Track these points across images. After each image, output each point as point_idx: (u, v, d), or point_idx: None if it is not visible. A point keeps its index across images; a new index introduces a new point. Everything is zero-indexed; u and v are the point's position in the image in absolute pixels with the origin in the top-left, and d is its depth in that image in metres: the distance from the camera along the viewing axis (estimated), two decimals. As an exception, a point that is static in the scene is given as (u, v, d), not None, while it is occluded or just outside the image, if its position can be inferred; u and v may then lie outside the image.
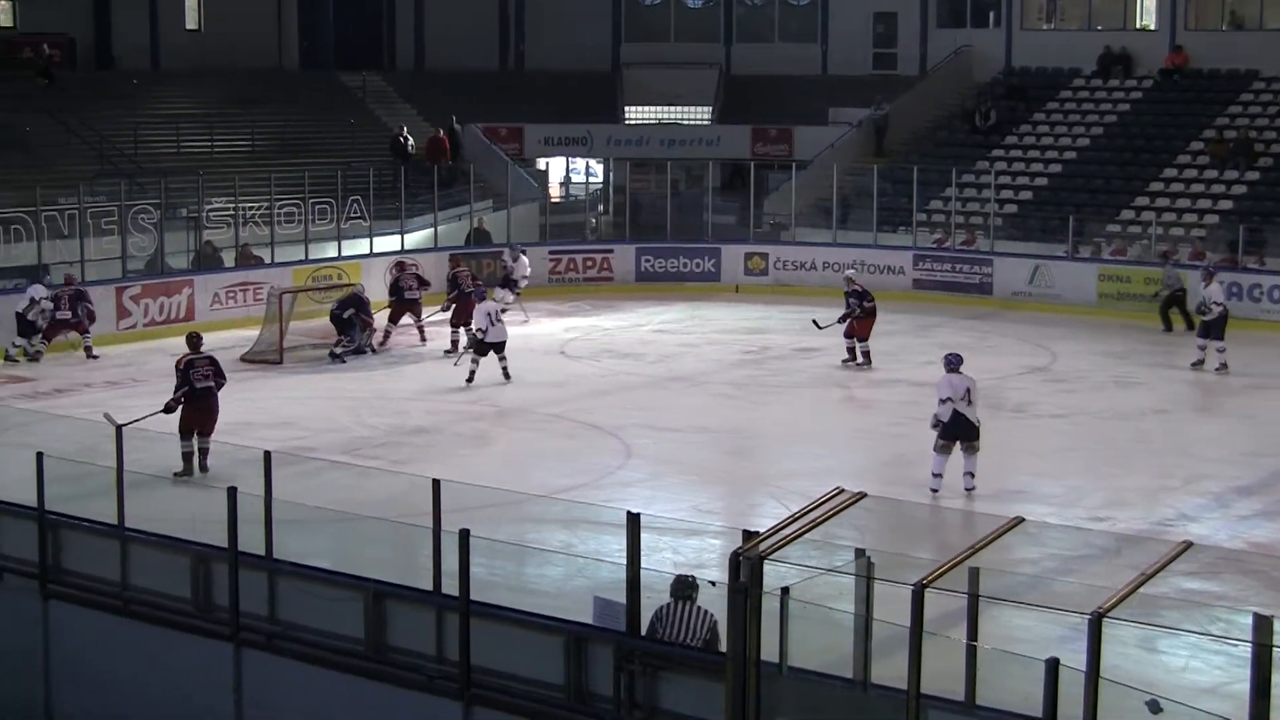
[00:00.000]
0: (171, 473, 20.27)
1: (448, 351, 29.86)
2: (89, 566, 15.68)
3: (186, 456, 20.73)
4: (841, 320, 29.41)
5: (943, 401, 20.35)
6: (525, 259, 35.35)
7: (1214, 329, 28.84)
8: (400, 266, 33.02)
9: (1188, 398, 27.56)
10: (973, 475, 20.39)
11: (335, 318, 30.13)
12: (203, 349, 21.84)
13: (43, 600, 15.68)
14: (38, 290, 29.40)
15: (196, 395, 21.27)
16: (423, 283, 32.19)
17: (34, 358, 29.26)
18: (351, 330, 29.90)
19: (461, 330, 29.95)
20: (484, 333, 27.37)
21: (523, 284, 34.98)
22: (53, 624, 15.67)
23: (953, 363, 20.71)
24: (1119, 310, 34.87)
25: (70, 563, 15.79)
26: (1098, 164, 41.55)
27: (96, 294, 30.89)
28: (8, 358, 29.16)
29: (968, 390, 20.34)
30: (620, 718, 12.35)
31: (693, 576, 12.71)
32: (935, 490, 20.29)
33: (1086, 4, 47.54)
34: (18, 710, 15.89)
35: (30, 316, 29.26)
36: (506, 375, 27.42)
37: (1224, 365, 28.58)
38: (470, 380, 27.26)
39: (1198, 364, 28.84)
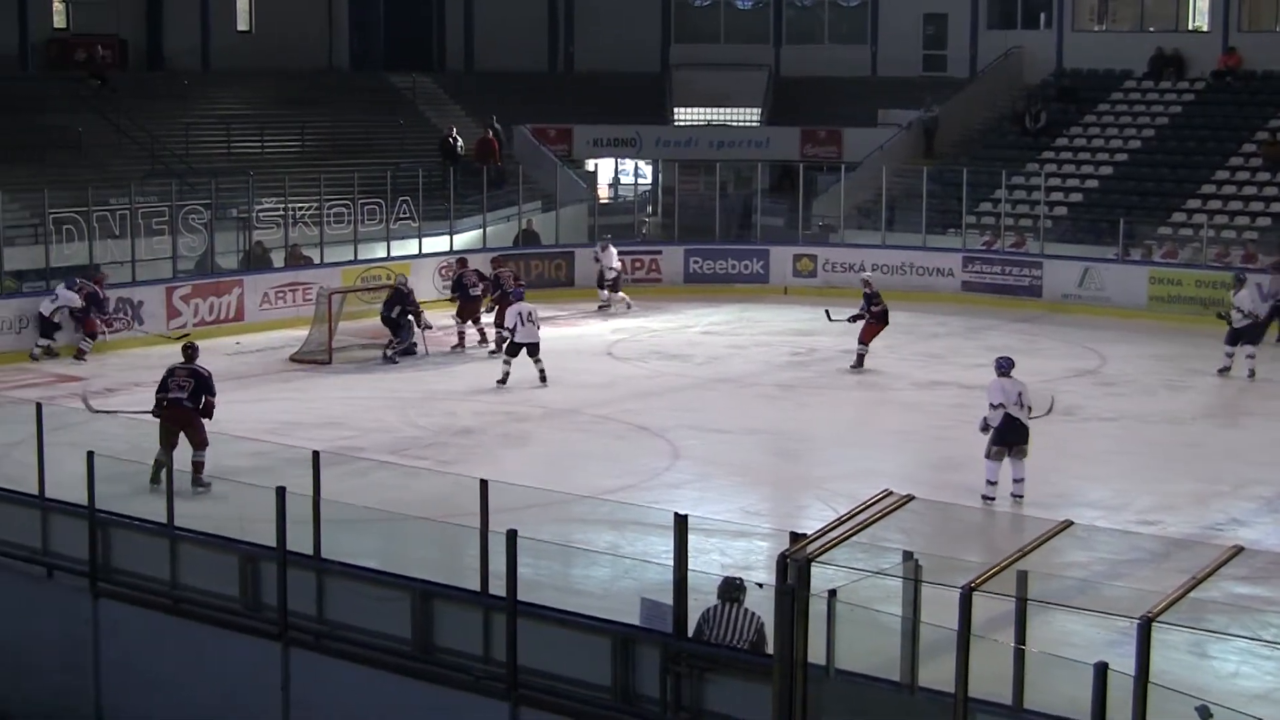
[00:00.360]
0: None
1: (492, 352, 29.92)
2: (139, 565, 15.74)
3: (155, 464, 19.15)
4: (852, 320, 29.31)
5: (994, 406, 20.08)
6: (613, 250, 35.49)
7: (1245, 335, 28.53)
8: (462, 263, 33.01)
9: (1238, 402, 27.40)
10: (1022, 482, 20.12)
11: (385, 319, 30.20)
12: (196, 361, 20.97)
13: (93, 598, 15.76)
14: (63, 293, 29.72)
15: (167, 405, 20.36)
16: (483, 278, 31.82)
17: (54, 354, 29.69)
18: (402, 331, 29.97)
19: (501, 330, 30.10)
20: (512, 332, 27.32)
21: (610, 274, 35.11)
22: (102, 622, 15.74)
23: (1004, 366, 20.45)
24: (1170, 313, 34.68)
25: (120, 561, 15.86)
26: (1149, 166, 41.34)
27: (147, 293, 31.08)
28: (32, 358, 29.44)
29: (1019, 395, 20.09)
30: (667, 719, 12.34)
31: (740, 579, 12.70)
32: (991, 499, 19.99)
33: (1138, 5, 47.31)
34: (68, 708, 15.98)
35: (57, 319, 29.67)
36: (542, 378, 27.30)
37: (1253, 373, 28.24)
38: (502, 382, 27.24)
39: (1224, 370, 28.56)
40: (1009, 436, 20.06)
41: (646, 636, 12.58)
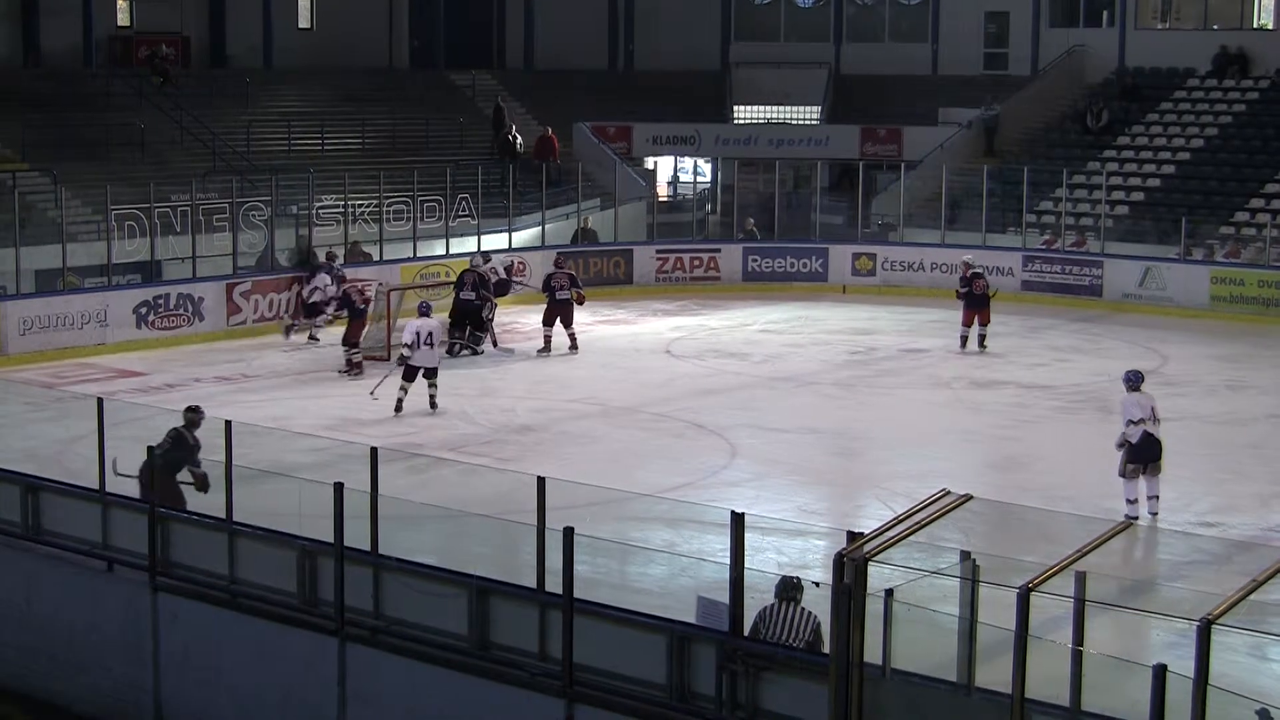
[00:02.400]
0: None
1: (540, 350, 30.03)
2: (197, 559, 15.82)
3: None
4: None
5: (1134, 423, 19.31)
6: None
7: None
8: (556, 264, 32.67)
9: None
10: (1157, 499, 19.43)
11: (467, 304, 30.33)
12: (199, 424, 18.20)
13: (152, 592, 15.85)
14: (323, 279, 31.47)
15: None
16: (575, 283, 30.96)
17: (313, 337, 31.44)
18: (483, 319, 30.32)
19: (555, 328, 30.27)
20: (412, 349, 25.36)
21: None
22: (162, 616, 15.83)
23: (1134, 380, 19.69)
24: (1231, 313, 34.46)
25: (179, 555, 15.95)
26: (1212, 165, 41.06)
27: (207, 289, 31.34)
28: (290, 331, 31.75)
29: (1153, 408, 19.47)
30: (723, 718, 12.33)
31: (797, 578, 12.67)
32: (1135, 518, 19.08)
33: (1202, 3, 46.99)
34: (127, 701, 16.08)
35: (317, 299, 31.49)
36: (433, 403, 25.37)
37: None
38: (396, 409, 24.99)
39: None
40: (1146, 454, 19.30)
41: (702, 635, 12.57)
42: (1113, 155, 42.28)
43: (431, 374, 25.34)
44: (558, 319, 30.44)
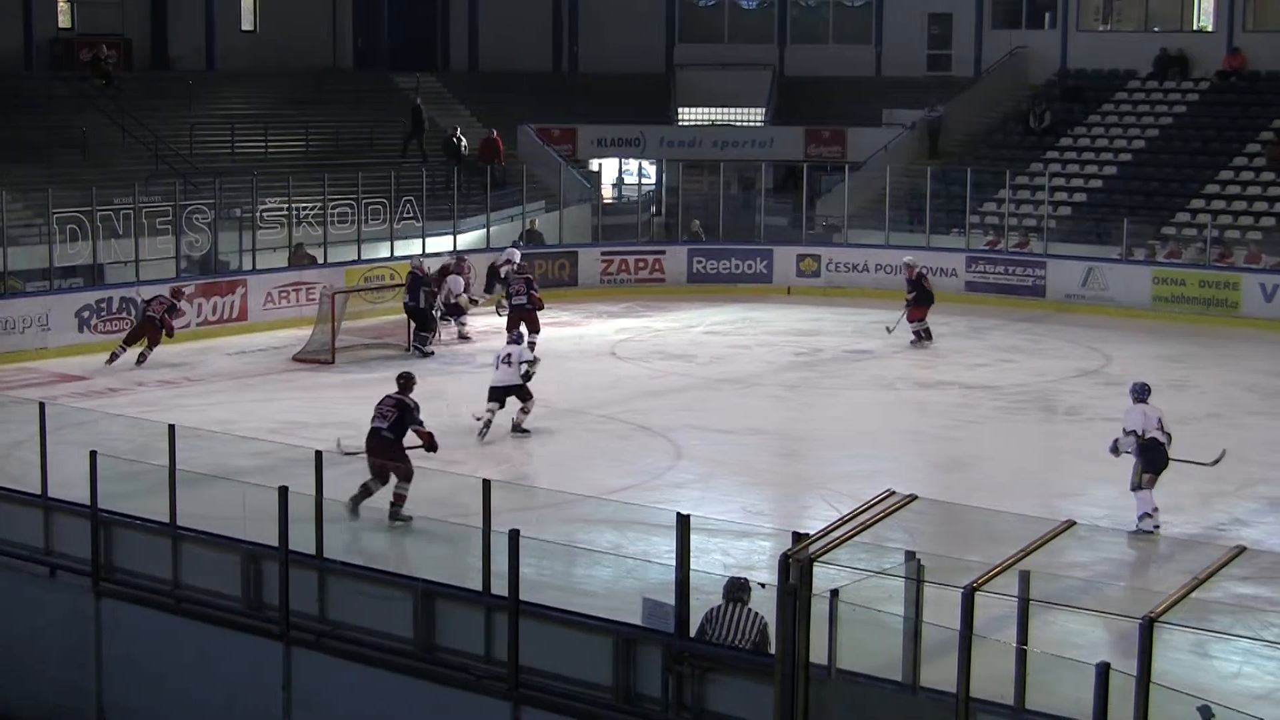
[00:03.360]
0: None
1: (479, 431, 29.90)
2: (141, 564, 15.76)
3: (360, 490, 18.42)
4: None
5: (1127, 434, 19.27)
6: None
7: None
8: (518, 267, 32.31)
9: (1242, 402, 27.34)
10: (1156, 511, 19.35)
11: (412, 309, 30.31)
12: (410, 391, 19.52)
13: (95, 597, 15.77)
14: (456, 282, 31.98)
15: (369, 434, 19.19)
16: (530, 286, 30.40)
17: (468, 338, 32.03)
18: (429, 320, 30.37)
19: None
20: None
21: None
22: (105, 621, 15.76)
23: (1141, 393, 19.57)
24: (1173, 313, 34.67)
25: (123, 560, 15.88)
26: (1153, 166, 41.32)
27: (151, 293, 31.09)
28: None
29: (1159, 420, 19.35)
30: (669, 719, 12.34)
31: (745, 579, 12.71)
32: (1158, 527, 19.13)
33: (1143, 5, 47.29)
34: (70, 707, 15.99)
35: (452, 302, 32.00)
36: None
37: None
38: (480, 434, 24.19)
39: None
40: (1159, 464, 19.24)
41: (648, 636, 12.58)
42: (1055, 156, 42.50)
43: (505, 394, 23.89)
44: (521, 324, 29.10)
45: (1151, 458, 19.22)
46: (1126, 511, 19.94)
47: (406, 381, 19.61)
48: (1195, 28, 46.33)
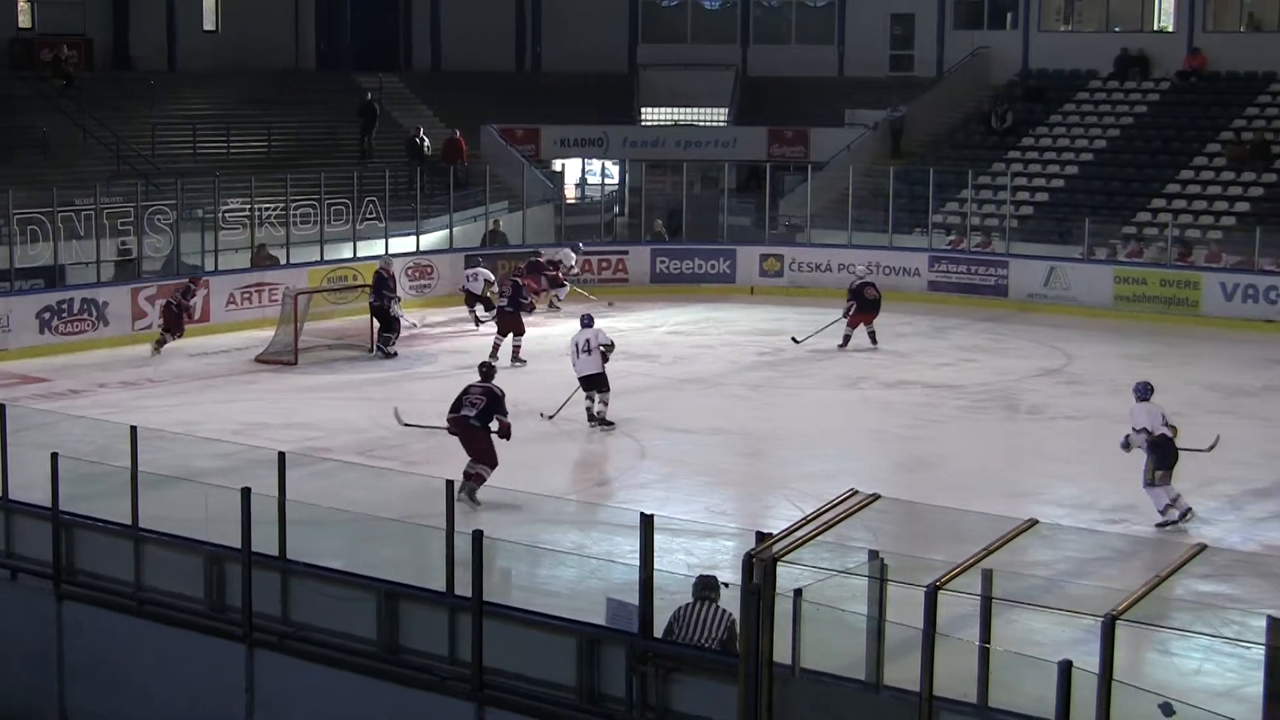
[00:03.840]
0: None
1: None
2: (103, 566, 15.71)
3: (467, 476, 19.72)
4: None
5: (1137, 431, 19.60)
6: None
7: None
8: (513, 269, 33.23)
9: (1203, 400, 27.47)
10: (1179, 497, 19.70)
11: (376, 308, 30.35)
12: (493, 380, 20.75)
13: (57, 600, 15.72)
14: (485, 273, 33.62)
15: (456, 421, 20.35)
16: (518, 291, 30.25)
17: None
18: (393, 321, 30.24)
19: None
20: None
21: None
22: (67, 624, 15.70)
23: (1144, 392, 19.92)
24: (1135, 312, 34.81)
25: (84, 563, 15.82)
26: (1114, 166, 41.47)
27: (112, 294, 31.05)
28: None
29: (1163, 416, 19.65)
30: (633, 719, 12.35)
31: (715, 577, 12.73)
32: (1174, 520, 19.43)
33: (1104, 6, 47.47)
34: (32, 710, 15.93)
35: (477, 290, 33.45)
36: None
37: None
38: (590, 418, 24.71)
39: None
40: (1170, 459, 19.48)
41: (612, 636, 12.59)
42: (1017, 156, 42.63)
43: (595, 384, 24.41)
44: (510, 331, 29.72)
45: (1163, 454, 19.49)
46: (1088, 510, 20.06)
47: (489, 370, 20.92)
48: (1156, 28, 46.51)
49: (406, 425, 21.32)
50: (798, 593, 10.81)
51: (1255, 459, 22.83)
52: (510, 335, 29.61)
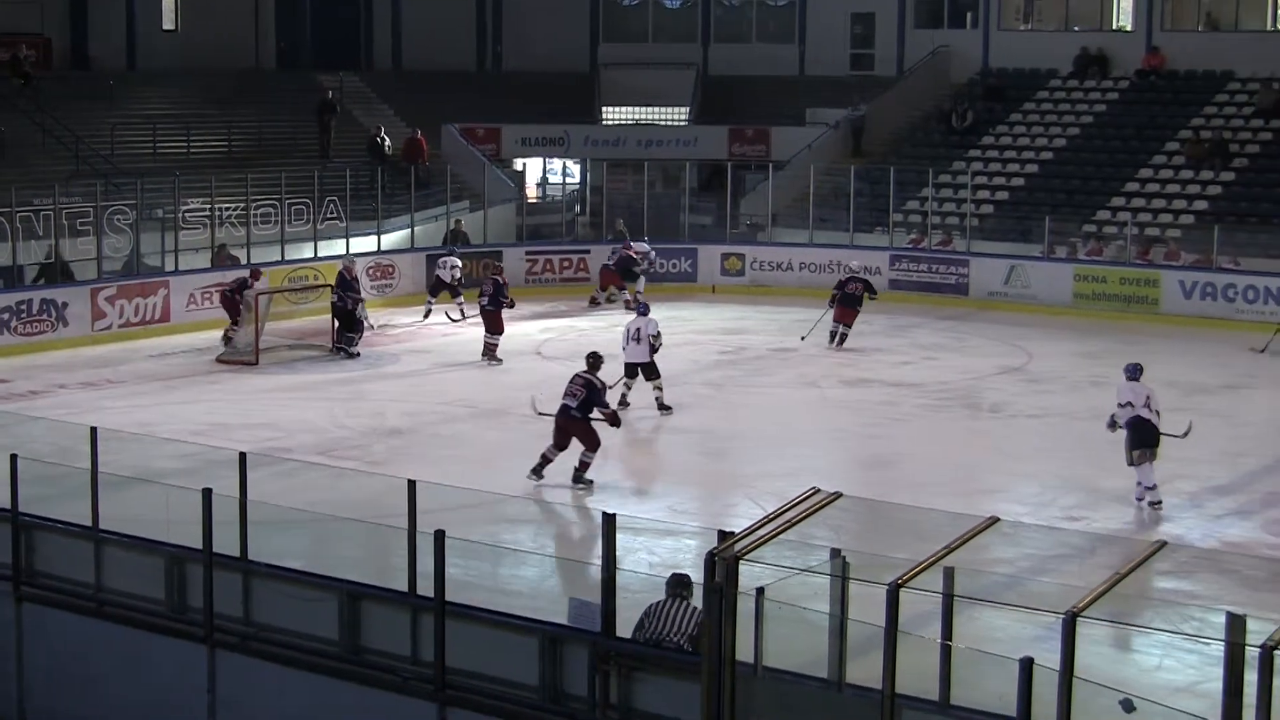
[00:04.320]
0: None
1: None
2: (63, 568, 15.63)
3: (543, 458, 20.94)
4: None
5: (1122, 406, 20.18)
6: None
7: None
8: (494, 269, 33.57)
9: (1163, 398, 27.48)
10: (1155, 488, 20.11)
11: (340, 309, 30.28)
12: (598, 371, 21.36)
13: (16, 602, 15.63)
14: (456, 261, 34.79)
15: (560, 410, 20.99)
16: (499, 290, 30.21)
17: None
18: (356, 322, 30.21)
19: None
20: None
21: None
22: (27, 626, 15.62)
23: (1133, 372, 20.54)
24: (1094, 310, 34.95)
25: (44, 564, 15.74)
26: (1074, 164, 41.63)
27: (72, 295, 30.92)
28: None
29: (1148, 398, 20.16)
30: (595, 718, 12.35)
31: (687, 575, 12.73)
32: (1158, 502, 19.96)
33: (1063, 5, 47.63)
34: (-8, 712, 15.87)
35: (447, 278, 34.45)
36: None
37: None
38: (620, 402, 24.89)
39: None
40: (1147, 438, 20.00)
41: (575, 636, 12.58)
42: (977, 155, 42.76)
43: (639, 372, 25.38)
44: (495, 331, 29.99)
45: (1139, 434, 19.94)
46: (1049, 508, 20.13)
47: (596, 361, 21.39)
48: (1115, 27, 46.71)
49: (541, 414, 21.83)
50: (760, 591, 10.81)
51: (1215, 456, 22.96)
52: (490, 333, 29.72)
